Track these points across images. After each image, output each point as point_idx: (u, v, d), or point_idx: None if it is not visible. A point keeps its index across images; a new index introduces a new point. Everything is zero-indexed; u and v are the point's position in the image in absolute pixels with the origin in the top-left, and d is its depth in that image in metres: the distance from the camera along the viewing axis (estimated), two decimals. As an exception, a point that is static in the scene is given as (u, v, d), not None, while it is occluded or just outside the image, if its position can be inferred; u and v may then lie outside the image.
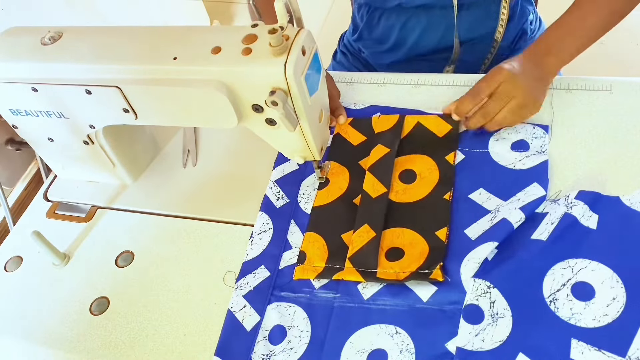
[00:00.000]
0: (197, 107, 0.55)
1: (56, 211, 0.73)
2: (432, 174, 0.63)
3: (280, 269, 0.60)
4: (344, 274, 0.57)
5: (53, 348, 0.59)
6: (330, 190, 0.65)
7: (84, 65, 0.56)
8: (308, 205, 0.64)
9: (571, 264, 0.53)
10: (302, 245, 0.61)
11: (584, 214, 0.55)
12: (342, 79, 0.80)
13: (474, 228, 0.58)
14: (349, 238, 0.60)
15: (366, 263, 0.57)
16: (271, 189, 0.67)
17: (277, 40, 0.48)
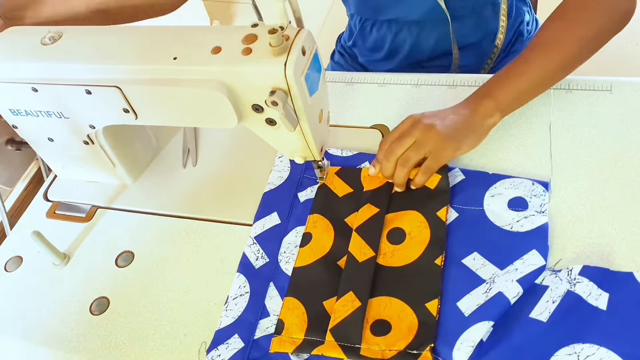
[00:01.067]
0: (197, 107, 0.55)
1: (56, 211, 0.73)
2: (422, 233, 0.58)
3: (256, 339, 0.55)
4: (324, 349, 0.52)
5: (53, 348, 0.59)
6: (313, 249, 0.59)
7: (84, 65, 0.56)
8: (289, 265, 0.59)
9: (577, 350, 0.46)
10: (281, 313, 0.56)
11: (590, 292, 0.50)
12: (342, 79, 0.80)
13: (467, 301, 0.53)
14: (332, 306, 0.55)
15: (349, 337, 0.52)
16: (250, 247, 0.62)
17: (277, 40, 0.48)
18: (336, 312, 0.54)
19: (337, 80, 0.80)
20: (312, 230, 0.61)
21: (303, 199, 0.65)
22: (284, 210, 0.65)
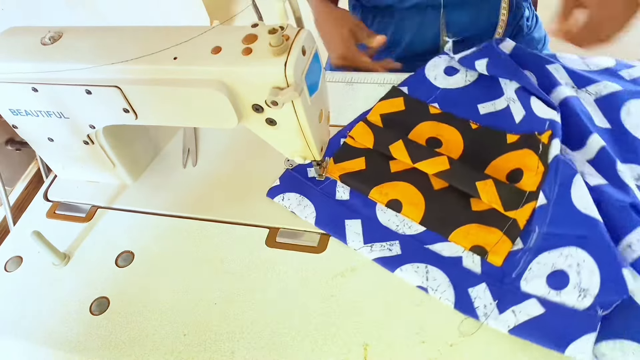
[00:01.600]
0: (197, 107, 0.55)
1: (56, 211, 0.73)
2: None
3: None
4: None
5: (53, 348, 0.59)
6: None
7: (84, 65, 0.56)
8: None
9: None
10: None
11: None
12: (342, 79, 0.80)
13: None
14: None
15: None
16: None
17: (277, 40, 0.48)
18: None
19: (338, 80, 0.80)
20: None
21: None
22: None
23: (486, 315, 0.51)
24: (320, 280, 0.59)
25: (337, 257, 0.60)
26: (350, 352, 0.53)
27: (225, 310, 0.58)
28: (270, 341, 0.55)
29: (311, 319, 0.56)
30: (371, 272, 0.58)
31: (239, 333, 0.56)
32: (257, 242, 0.64)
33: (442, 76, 0.75)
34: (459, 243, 0.57)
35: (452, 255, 0.57)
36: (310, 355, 0.54)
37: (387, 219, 0.61)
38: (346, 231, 0.61)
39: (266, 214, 0.66)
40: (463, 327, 0.52)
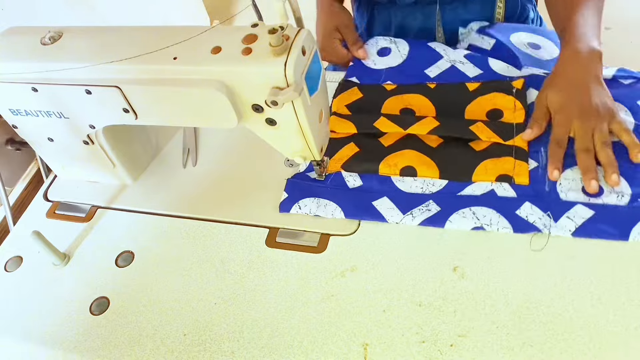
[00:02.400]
0: (197, 107, 0.55)
1: (56, 211, 0.73)
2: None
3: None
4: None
5: (53, 348, 0.59)
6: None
7: (84, 65, 0.56)
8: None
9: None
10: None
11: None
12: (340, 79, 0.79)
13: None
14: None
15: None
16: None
17: (277, 40, 0.48)
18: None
19: (337, 80, 0.80)
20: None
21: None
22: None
23: (546, 226, 0.56)
24: (320, 280, 0.59)
25: (337, 257, 0.60)
26: (350, 352, 0.53)
27: (225, 310, 0.58)
28: (270, 341, 0.55)
29: (311, 319, 0.56)
30: (371, 272, 0.58)
31: (239, 333, 0.56)
32: (257, 242, 0.64)
33: (378, 59, 0.79)
34: (484, 180, 0.62)
35: (485, 191, 0.61)
36: (310, 355, 0.54)
37: (408, 187, 0.63)
38: (380, 211, 0.62)
39: (266, 214, 0.66)
40: (533, 245, 0.56)
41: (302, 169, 0.68)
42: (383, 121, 0.68)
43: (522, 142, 0.63)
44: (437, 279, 0.56)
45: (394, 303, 0.55)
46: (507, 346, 0.50)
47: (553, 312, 0.52)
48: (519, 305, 0.53)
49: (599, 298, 0.52)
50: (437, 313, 0.54)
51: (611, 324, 0.50)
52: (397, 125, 0.67)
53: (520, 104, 0.67)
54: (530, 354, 0.50)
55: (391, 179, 0.64)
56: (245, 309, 0.58)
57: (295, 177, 0.68)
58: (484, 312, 0.53)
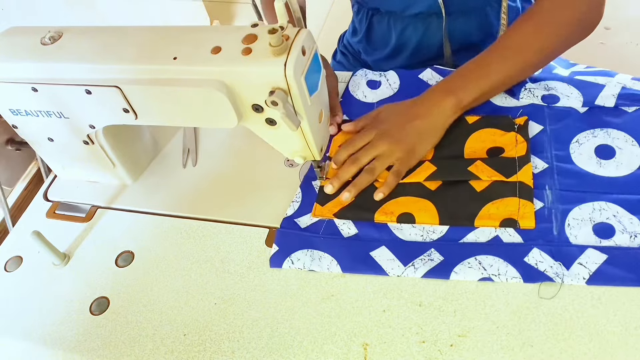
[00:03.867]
0: (197, 107, 0.55)
1: (56, 211, 0.73)
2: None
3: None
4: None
5: (53, 348, 0.59)
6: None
7: (84, 65, 0.56)
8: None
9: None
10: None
11: None
12: (342, 79, 0.79)
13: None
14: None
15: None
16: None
17: (277, 40, 0.48)
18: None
19: (338, 80, 0.80)
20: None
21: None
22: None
23: (559, 275, 0.53)
24: (320, 280, 0.59)
25: (337, 257, 0.60)
26: (350, 352, 0.53)
27: (225, 310, 0.58)
28: (270, 341, 0.55)
29: (311, 318, 0.56)
30: (371, 272, 0.58)
31: (239, 333, 0.56)
32: (257, 242, 0.64)
33: (368, 91, 0.75)
34: (488, 225, 0.58)
35: (489, 238, 0.57)
36: (310, 355, 0.54)
37: (407, 234, 0.59)
38: (379, 263, 0.57)
39: (266, 214, 0.66)
40: (542, 293, 0.53)
41: (291, 212, 0.64)
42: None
43: (526, 178, 0.59)
44: (437, 279, 0.56)
45: (394, 303, 0.55)
46: (507, 346, 0.50)
47: (553, 312, 0.52)
48: (519, 305, 0.53)
49: (599, 298, 0.52)
50: (437, 313, 0.54)
51: (611, 324, 0.50)
52: None
53: (522, 138, 0.63)
54: (530, 354, 0.50)
55: (388, 226, 0.60)
56: (245, 309, 0.58)
57: (285, 226, 0.63)
58: (484, 312, 0.53)
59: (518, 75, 0.68)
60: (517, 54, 0.66)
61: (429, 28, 0.84)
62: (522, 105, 0.68)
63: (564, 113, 0.66)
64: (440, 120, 0.65)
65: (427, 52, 0.87)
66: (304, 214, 0.63)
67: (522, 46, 0.66)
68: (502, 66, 0.66)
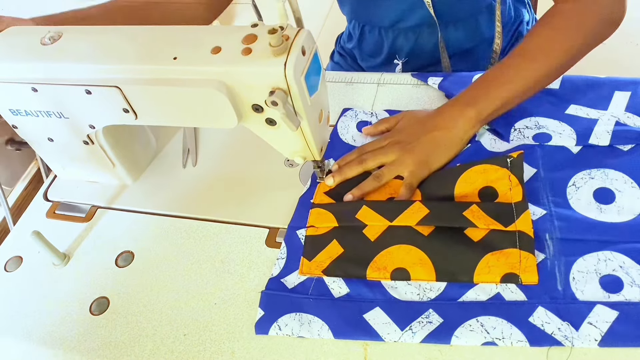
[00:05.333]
0: (197, 107, 0.55)
1: (56, 211, 0.73)
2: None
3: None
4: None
5: (53, 348, 0.59)
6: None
7: (84, 65, 0.56)
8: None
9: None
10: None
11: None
12: (341, 79, 0.80)
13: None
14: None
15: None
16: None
17: (277, 40, 0.48)
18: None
19: (337, 80, 0.80)
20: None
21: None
22: None
23: (568, 338, 0.49)
24: (320, 280, 0.59)
25: (337, 257, 0.60)
26: (350, 352, 0.53)
27: (225, 310, 0.58)
28: (271, 341, 0.55)
29: (311, 319, 0.56)
30: (371, 272, 0.58)
31: (239, 333, 0.56)
32: (257, 242, 0.64)
33: (357, 134, 0.72)
34: (488, 281, 0.54)
35: (490, 295, 0.53)
36: (310, 355, 0.54)
37: (403, 293, 0.55)
38: (373, 327, 0.53)
39: (266, 214, 0.66)
40: (551, 357, 0.49)
41: (277, 271, 0.60)
42: (366, 212, 0.60)
43: (526, 226, 0.56)
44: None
45: (394, 303, 0.55)
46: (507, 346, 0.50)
47: (553, 312, 0.51)
48: None
49: None
50: (437, 313, 0.54)
51: (611, 324, 0.50)
52: (382, 215, 0.59)
53: (516, 179, 0.59)
54: (530, 353, 0.50)
55: (382, 283, 0.56)
56: (245, 309, 0.58)
57: (270, 287, 0.58)
58: None
59: (542, 81, 0.64)
60: (539, 57, 0.62)
61: (420, 36, 0.84)
62: (513, 147, 0.64)
63: (557, 152, 0.62)
64: (459, 133, 0.63)
65: (421, 59, 0.87)
66: (290, 272, 0.59)
67: (545, 49, 0.62)
68: (524, 72, 0.63)
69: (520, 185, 0.59)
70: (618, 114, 0.64)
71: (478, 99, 0.63)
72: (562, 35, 0.63)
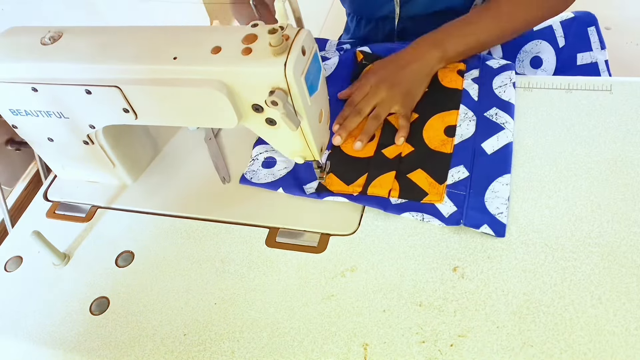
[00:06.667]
0: (197, 107, 0.55)
1: (56, 211, 0.73)
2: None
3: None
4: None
5: (53, 348, 0.59)
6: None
7: (84, 65, 0.56)
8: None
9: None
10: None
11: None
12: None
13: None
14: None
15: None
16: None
17: (277, 40, 0.48)
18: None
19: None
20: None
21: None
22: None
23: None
24: (320, 280, 0.59)
25: (337, 257, 0.60)
26: (350, 352, 0.53)
27: (225, 310, 0.58)
28: (270, 341, 0.55)
29: (311, 318, 0.56)
30: (371, 272, 0.58)
31: (239, 333, 0.56)
32: (257, 242, 0.64)
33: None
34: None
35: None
36: (310, 355, 0.54)
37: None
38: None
39: (266, 214, 0.66)
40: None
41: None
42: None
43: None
44: (437, 279, 0.56)
45: (394, 303, 0.55)
46: (507, 346, 0.50)
47: (553, 312, 0.52)
48: (519, 305, 0.53)
49: (599, 298, 0.52)
50: (437, 313, 0.54)
51: (611, 324, 0.50)
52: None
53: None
54: (531, 353, 0.50)
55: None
56: (245, 309, 0.58)
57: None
58: (484, 312, 0.53)
59: (500, 39, 0.74)
60: (502, 17, 0.71)
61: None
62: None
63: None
64: (429, 65, 0.70)
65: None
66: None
67: (511, 15, 0.71)
68: (488, 25, 0.71)
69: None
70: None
71: (443, 41, 0.71)
72: (524, 6, 0.71)
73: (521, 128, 0.67)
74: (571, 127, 0.66)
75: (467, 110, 0.69)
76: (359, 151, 0.68)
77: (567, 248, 0.56)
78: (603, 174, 0.60)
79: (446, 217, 0.59)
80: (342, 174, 0.66)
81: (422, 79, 0.70)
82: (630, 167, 0.60)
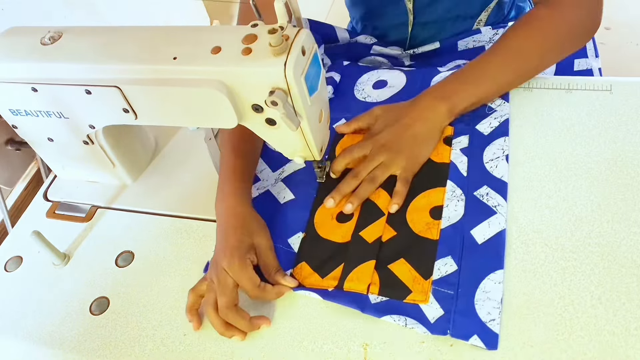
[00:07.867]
0: (197, 107, 0.55)
1: (56, 211, 0.73)
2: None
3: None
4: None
5: (53, 348, 0.59)
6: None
7: (84, 65, 0.56)
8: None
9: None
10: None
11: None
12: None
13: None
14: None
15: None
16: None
17: (277, 40, 0.48)
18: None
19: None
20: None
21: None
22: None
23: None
24: (320, 280, 0.59)
25: (337, 257, 0.60)
26: (350, 352, 0.53)
27: (225, 310, 0.58)
28: (270, 341, 0.55)
29: (311, 318, 0.56)
30: (371, 272, 0.58)
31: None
32: (257, 242, 0.64)
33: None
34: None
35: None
36: (310, 355, 0.54)
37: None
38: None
39: (266, 214, 0.66)
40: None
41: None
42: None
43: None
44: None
45: (394, 303, 0.55)
46: (507, 346, 0.50)
47: (553, 312, 0.52)
48: (519, 305, 0.53)
49: (599, 298, 0.52)
50: (437, 313, 0.54)
51: (611, 324, 0.50)
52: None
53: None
54: (531, 353, 0.50)
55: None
56: (245, 309, 0.58)
57: None
58: (484, 312, 0.53)
59: (515, 80, 0.68)
60: (513, 57, 0.65)
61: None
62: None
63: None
64: (436, 125, 0.65)
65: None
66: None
67: (519, 49, 0.65)
68: (498, 70, 0.66)
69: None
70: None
71: (451, 95, 0.65)
72: (537, 37, 0.65)
73: (521, 128, 0.67)
74: (571, 127, 0.66)
75: (455, 187, 0.62)
76: (335, 235, 0.61)
77: (567, 248, 0.56)
78: (603, 174, 0.60)
79: (432, 323, 0.52)
80: (316, 264, 0.59)
81: (430, 138, 0.64)
82: (630, 167, 0.60)
